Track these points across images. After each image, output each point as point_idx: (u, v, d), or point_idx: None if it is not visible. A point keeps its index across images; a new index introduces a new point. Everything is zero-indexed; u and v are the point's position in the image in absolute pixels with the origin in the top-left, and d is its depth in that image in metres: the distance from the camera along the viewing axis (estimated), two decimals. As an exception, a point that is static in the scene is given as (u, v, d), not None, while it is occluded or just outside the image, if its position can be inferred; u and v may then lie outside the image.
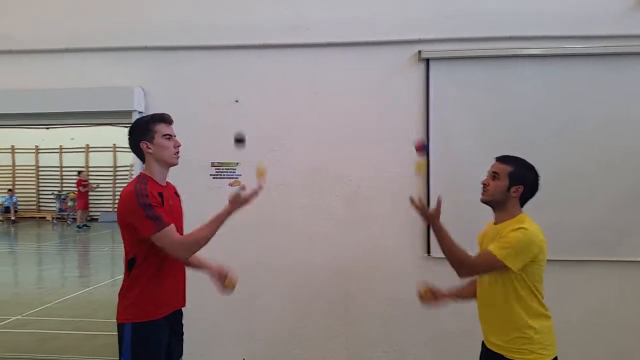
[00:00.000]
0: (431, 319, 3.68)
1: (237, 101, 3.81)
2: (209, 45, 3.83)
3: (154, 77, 3.90)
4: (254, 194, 2.34)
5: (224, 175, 3.83)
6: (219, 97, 3.84)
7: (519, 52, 3.59)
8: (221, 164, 3.83)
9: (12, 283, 8.46)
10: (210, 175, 3.84)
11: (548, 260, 3.52)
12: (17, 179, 17.99)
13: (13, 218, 16.89)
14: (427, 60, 3.62)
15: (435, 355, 3.70)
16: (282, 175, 3.80)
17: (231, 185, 3.81)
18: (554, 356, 2.18)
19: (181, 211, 2.53)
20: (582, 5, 3.57)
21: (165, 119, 2.39)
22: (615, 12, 3.55)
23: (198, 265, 2.60)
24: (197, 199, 3.55)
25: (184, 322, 2.63)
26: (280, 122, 3.81)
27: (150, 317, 2.27)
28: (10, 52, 3.98)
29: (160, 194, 2.28)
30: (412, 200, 2.22)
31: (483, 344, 2.35)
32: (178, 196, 2.56)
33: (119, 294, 2.34)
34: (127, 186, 2.30)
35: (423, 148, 2.60)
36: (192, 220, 2.60)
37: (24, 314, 5.87)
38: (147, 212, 2.16)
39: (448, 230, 2.20)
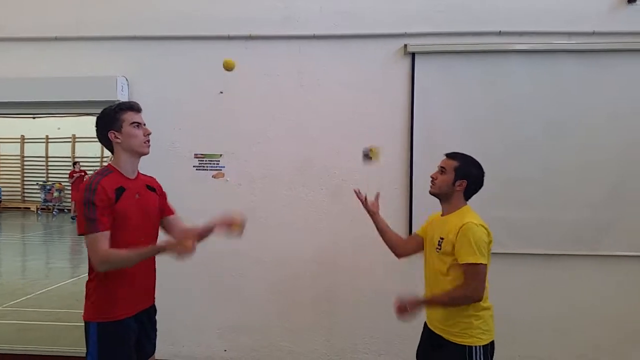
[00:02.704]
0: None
1: (221, 92, 3.79)
2: (194, 35, 3.79)
3: (138, 67, 3.86)
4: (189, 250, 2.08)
5: (207, 166, 3.80)
6: (203, 88, 3.81)
7: (506, 47, 3.59)
8: (204, 155, 3.81)
9: (-5, 274, 8.35)
10: (193, 166, 3.81)
11: (533, 254, 3.62)
12: (1, 169, 17.73)
13: (-3, 208, 16.68)
14: (413, 55, 3.62)
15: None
16: (266, 168, 3.79)
17: (214, 177, 3.79)
18: (490, 340, 2.31)
19: (153, 204, 2.39)
20: (570, 1, 3.59)
21: (132, 107, 2.28)
22: (603, 9, 3.57)
23: (202, 236, 2.35)
24: (180, 190, 3.52)
25: (167, 312, 2.62)
26: (265, 114, 3.79)
27: (114, 317, 2.19)
28: (-6, 39, 3.92)
29: (120, 189, 2.18)
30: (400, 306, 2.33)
31: (425, 325, 2.52)
32: (154, 189, 2.43)
33: (85, 288, 2.25)
34: (87, 177, 2.24)
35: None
36: (175, 210, 2.59)
37: (4, 305, 5.80)
38: (85, 210, 2.07)
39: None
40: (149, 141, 2.30)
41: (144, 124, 2.31)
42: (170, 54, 3.83)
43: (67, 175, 15.78)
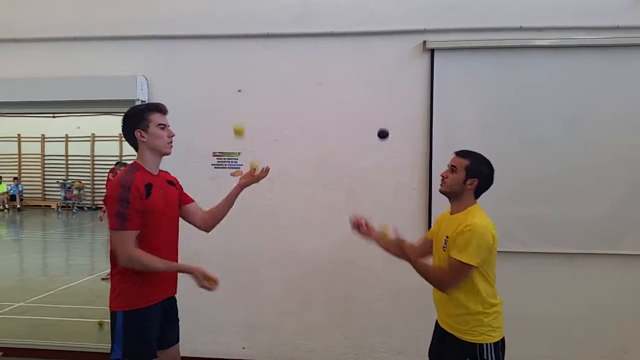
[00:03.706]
0: (431, 310, 3.67)
1: (239, 91, 3.80)
2: (212, 34, 3.80)
3: (157, 66, 3.89)
4: (214, 283, 2.29)
5: (225, 164, 3.82)
6: (221, 87, 3.82)
7: (525, 43, 3.54)
8: (223, 154, 3.82)
9: (17, 270, 8.52)
10: (212, 164, 3.83)
11: (553, 253, 3.57)
12: (23, 167, 18.08)
13: (19, 206, 16.99)
14: (432, 51, 3.58)
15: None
16: (284, 166, 3.78)
17: (233, 175, 3.80)
18: (501, 337, 2.32)
19: (174, 198, 2.50)
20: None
21: (160, 109, 2.39)
22: (624, 3, 3.49)
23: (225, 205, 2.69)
24: (199, 188, 3.54)
25: (185, 310, 2.65)
26: (282, 113, 3.79)
27: (140, 305, 2.29)
28: (15, 40, 3.98)
29: (149, 185, 2.28)
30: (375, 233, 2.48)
31: (437, 323, 2.52)
32: (173, 184, 2.54)
33: (111, 281, 2.36)
34: (117, 174, 2.32)
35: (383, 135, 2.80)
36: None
37: (27, 301, 5.91)
38: (119, 207, 2.17)
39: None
40: (172, 142, 2.41)
41: (169, 126, 2.41)
42: (189, 53, 3.85)
43: (88, 174, 15.90)
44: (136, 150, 2.40)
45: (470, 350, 2.26)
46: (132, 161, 2.42)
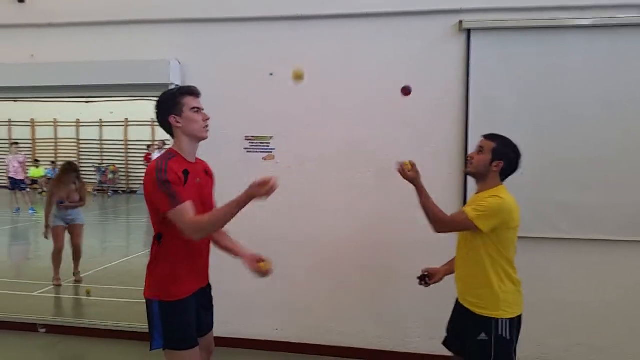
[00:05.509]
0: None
1: (271, 74, 3.77)
2: (245, 17, 3.78)
3: (190, 49, 3.89)
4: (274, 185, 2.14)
5: (257, 148, 3.82)
6: (253, 70, 3.80)
7: (566, 22, 3.40)
8: (255, 138, 3.82)
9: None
10: (244, 148, 3.84)
11: (593, 239, 3.46)
12: (59, 151, 18.55)
13: (56, 189, 17.41)
14: (469, 31, 3.48)
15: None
16: (316, 150, 3.76)
17: (265, 160, 3.80)
18: (518, 315, 2.39)
19: (211, 190, 2.45)
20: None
21: (193, 92, 2.30)
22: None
23: (231, 250, 2.53)
24: (231, 173, 3.55)
25: (220, 294, 2.66)
26: (314, 96, 3.75)
27: (176, 297, 2.25)
28: (51, 25, 4.04)
29: (186, 171, 2.21)
30: (400, 165, 2.54)
31: (457, 301, 2.60)
32: (209, 175, 2.47)
33: (147, 267, 2.34)
34: (153, 161, 2.25)
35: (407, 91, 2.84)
36: (225, 195, 2.59)
37: (66, 281, 6.08)
38: (163, 188, 2.10)
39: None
40: (207, 126, 2.32)
41: (203, 109, 2.32)
42: (221, 35, 3.84)
43: (122, 158, 16.20)
44: (172, 136, 2.32)
45: (486, 324, 2.34)
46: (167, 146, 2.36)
